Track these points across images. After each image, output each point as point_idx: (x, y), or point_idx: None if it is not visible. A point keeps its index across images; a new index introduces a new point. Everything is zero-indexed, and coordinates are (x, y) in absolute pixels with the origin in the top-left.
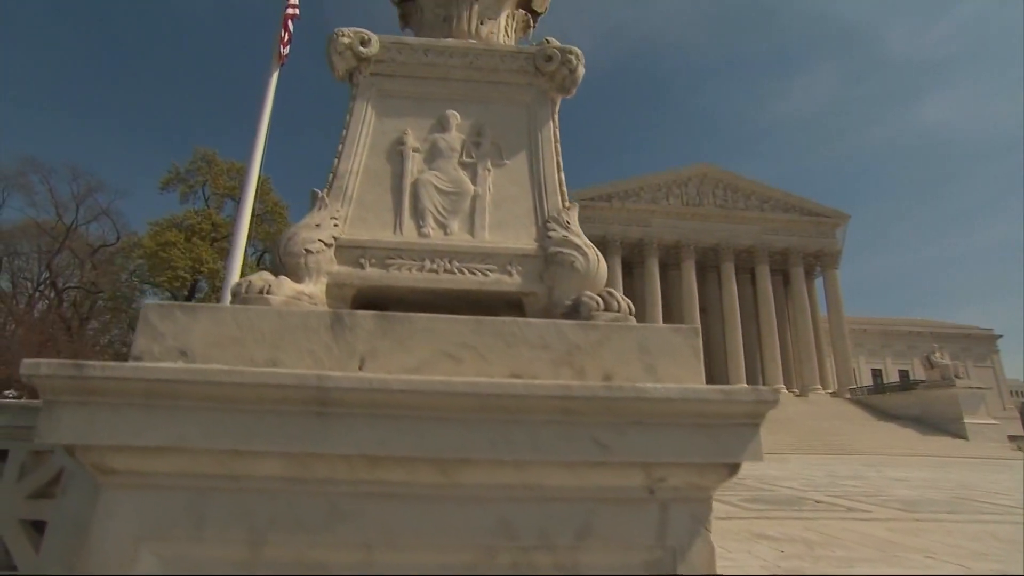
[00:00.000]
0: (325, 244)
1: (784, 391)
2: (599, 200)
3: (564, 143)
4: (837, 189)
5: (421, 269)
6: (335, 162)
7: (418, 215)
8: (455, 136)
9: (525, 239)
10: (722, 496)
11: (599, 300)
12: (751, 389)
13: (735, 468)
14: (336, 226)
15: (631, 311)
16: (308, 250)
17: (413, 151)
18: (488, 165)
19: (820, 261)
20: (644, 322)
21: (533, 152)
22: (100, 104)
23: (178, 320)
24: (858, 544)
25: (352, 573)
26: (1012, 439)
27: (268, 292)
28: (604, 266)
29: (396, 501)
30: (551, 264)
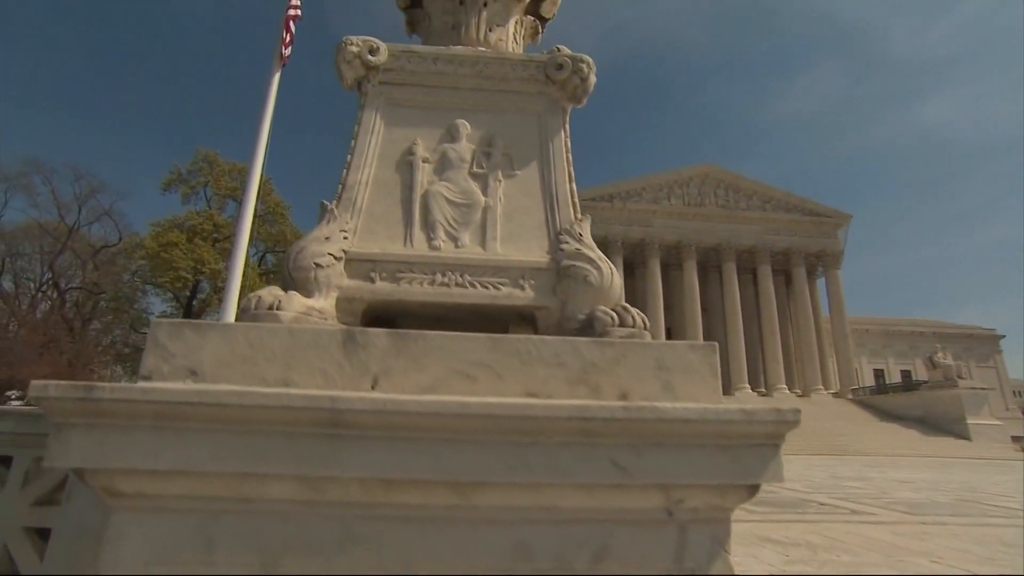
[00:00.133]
0: (335, 258)
1: (786, 391)
2: (600, 200)
3: None
4: (838, 189)
5: (432, 283)
6: (344, 173)
7: (429, 227)
8: (465, 146)
9: (537, 252)
10: None
11: (614, 315)
12: (772, 409)
13: (755, 489)
14: (346, 239)
15: (646, 326)
16: (318, 264)
17: (423, 161)
18: (499, 176)
19: (822, 261)
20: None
21: (544, 162)
22: (101, 104)
23: (188, 339)
24: (863, 548)
25: None
26: (1015, 439)
27: (278, 308)
28: (618, 280)
29: (411, 524)
30: (564, 278)
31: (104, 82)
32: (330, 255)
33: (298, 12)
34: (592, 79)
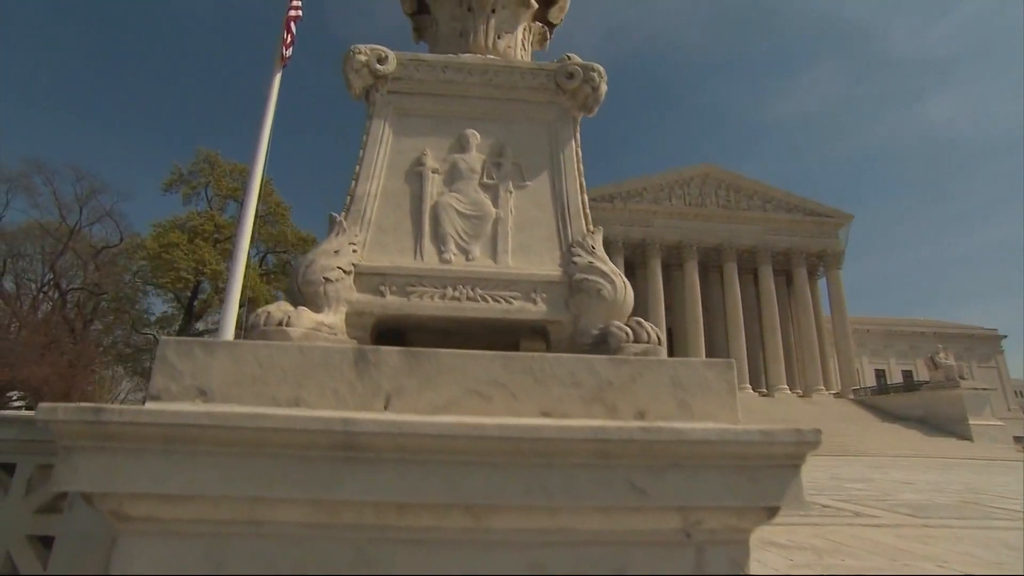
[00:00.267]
0: (344, 272)
1: (787, 392)
2: (601, 201)
3: None
4: (839, 189)
5: (443, 297)
6: (352, 184)
7: (439, 239)
8: (475, 156)
9: (549, 264)
10: None
11: (628, 331)
12: (793, 430)
13: (774, 511)
14: (355, 252)
15: (660, 340)
16: (327, 278)
17: (432, 172)
18: (510, 187)
19: (823, 261)
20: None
21: (555, 173)
22: (102, 104)
23: (196, 358)
24: (867, 552)
25: None
26: (1017, 440)
27: (287, 324)
28: (631, 293)
29: (425, 547)
30: (577, 292)
31: (104, 82)
32: (339, 269)
33: (299, 13)
34: (603, 88)
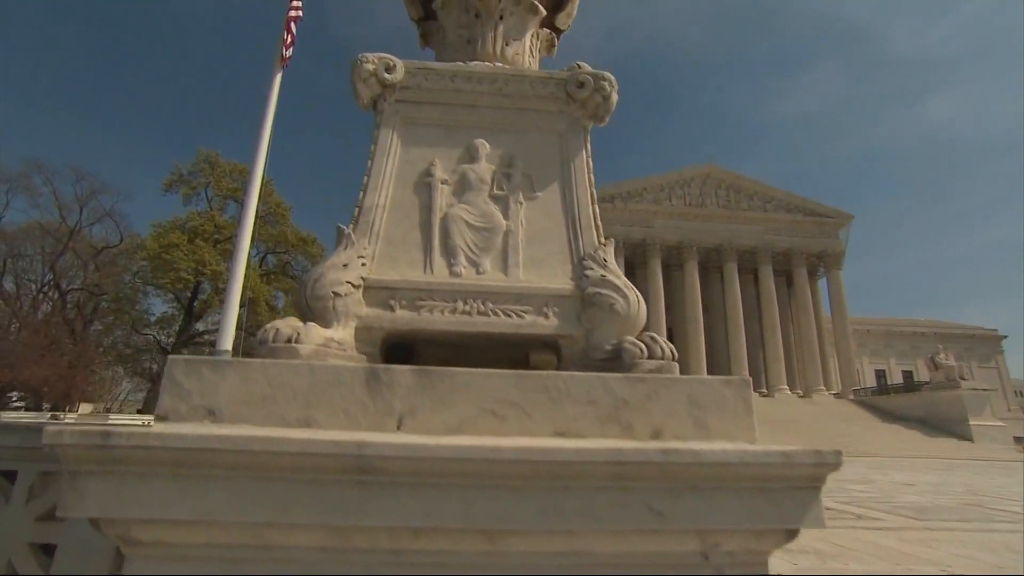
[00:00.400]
0: (353, 286)
1: (787, 392)
2: (602, 201)
3: None
4: (839, 189)
5: (454, 311)
6: (360, 195)
7: (449, 252)
8: (485, 167)
9: (561, 278)
10: None
11: (642, 347)
12: (813, 452)
13: (794, 533)
14: (363, 265)
15: (674, 356)
16: (336, 293)
17: (442, 183)
18: (520, 198)
19: (823, 261)
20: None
21: (566, 184)
22: (102, 104)
23: (204, 377)
24: (871, 556)
25: None
26: (1017, 440)
27: (296, 340)
28: (644, 307)
29: (440, 571)
30: (589, 306)
31: (105, 82)
32: (348, 283)
33: (299, 13)
34: (614, 98)
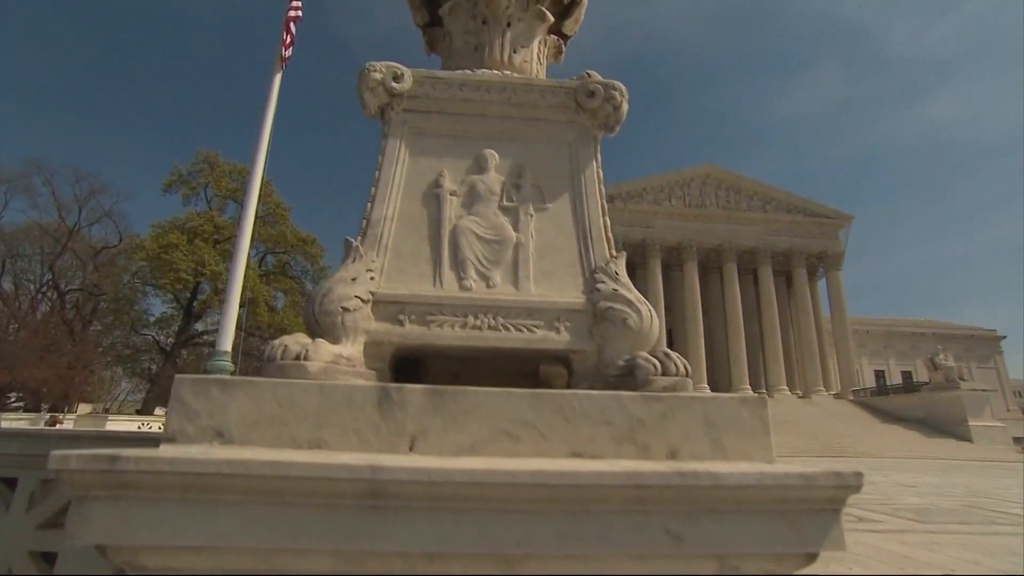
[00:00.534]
0: (362, 300)
1: (787, 392)
2: None
3: None
4: (839, 189)
5: (464, 326)
6: (368, 207)
7: (458, 266)
8: (494, 178)
9: (572, 291)
10: None
11: (656, 363)
12: (833, 473)
13: (814, 556)
14: (372, 279)
15: (688, 372)
16: (345, 308)
17: (450, 194)
18: (530, 210)
19: (823, 262)
20: None
21: (576, 195)
22: (102, 104)
23: (213, 397)
24: (872, 559)
25: None
26: (1016, 441)
27: (305, 358)
28: (657, 322)
29: None
30: (601, 321)
31: (104, 82)
32: (357, 298)
33: (299, 13)
34: (625, 107)
